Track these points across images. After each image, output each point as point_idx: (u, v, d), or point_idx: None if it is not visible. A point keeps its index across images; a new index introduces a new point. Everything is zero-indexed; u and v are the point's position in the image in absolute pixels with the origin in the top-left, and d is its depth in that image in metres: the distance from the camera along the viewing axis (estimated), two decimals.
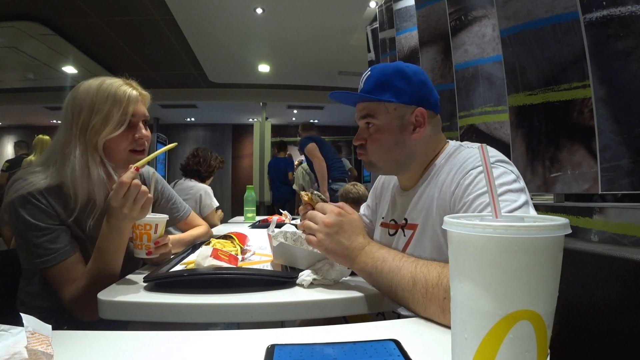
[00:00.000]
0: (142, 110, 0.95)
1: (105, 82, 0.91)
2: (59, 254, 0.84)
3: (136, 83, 0.97)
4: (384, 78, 0.79)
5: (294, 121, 8.77)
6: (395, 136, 0.79)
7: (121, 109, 0.89)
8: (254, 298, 0.69)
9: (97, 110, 0.88)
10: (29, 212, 0.83)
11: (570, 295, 0.52)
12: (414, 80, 0.79)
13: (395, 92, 0.78)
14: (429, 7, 2.24)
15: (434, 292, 0.59)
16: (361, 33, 3.91)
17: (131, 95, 0.91)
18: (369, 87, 0.80)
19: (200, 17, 3.82)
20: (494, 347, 0.32)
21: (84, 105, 0.89)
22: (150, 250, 0.88)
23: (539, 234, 0.31)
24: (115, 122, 0.88)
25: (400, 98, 0.78)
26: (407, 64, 0.82)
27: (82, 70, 4.97)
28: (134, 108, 0.91)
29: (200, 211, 2.25)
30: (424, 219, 0.77)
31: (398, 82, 0.78)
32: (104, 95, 0.89)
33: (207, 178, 2.40)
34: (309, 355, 0.46)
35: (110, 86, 0.90)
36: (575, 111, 1.26)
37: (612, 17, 1.13)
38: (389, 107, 0.78)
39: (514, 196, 0.63)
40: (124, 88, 0.91)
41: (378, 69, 0.81)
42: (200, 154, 2.38)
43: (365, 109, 0.81)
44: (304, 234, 0.79)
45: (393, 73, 0.79)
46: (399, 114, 0.78)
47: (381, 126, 0.79)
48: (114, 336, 0.55)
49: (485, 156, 0.39)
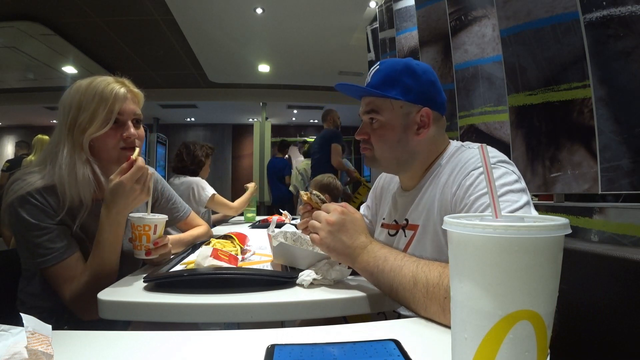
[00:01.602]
0: (132, 108, 0.93)
1: (95, 80, 0.91)
2: (59, 252, 0.85)
3: (129, 81, 0.96)
4: (393, 74, 0.78)
5: (294, 121, 8.77)
6: (398, 134, 0.78)
7: (107, 107, 0.88)
8: (254, 298, 0.69)
9: (84, 109, 0.88)
10: (29, 212, 0.83)
11: (570, 295, 0.52)
12: (422, 79, 0.78)
13: (402, 89, 0.77)
14: (429, 7, 2.24)
15: (435, 291, 0.59)
16: (361, 33, 3.91)
17: (118, 93, 0.90)
18: (376, 81, 0.79)
19: (200, 17, 3.82)
20: (494, 347, 0.32)
21: (73, 103, 0.89)
22: (150, 250, 0.88)
23: (539, 234, 0.31)
24: (100, 121, 0.88)
25: (407, 96, 0.77)
26: (417, 61, 0.81)
27: (82, 70, 4.96)
28: (121, 106, 0.90)
29: (197, 204, 2.20)
30: (425, 220, 0.77)
31: (407, 79, 0.77)
32: (91, 94, 0.88)
33: (199, 170, 2.31)
34: (309, 355, 0.46)
35: (99, 85, 0.89)
36: (575, 111, 1.26)
37: (612, 17, 1.13)
38: (394, 104, 0.78)
39: (515, 196, 0.64)
40: (112, 86, 0.90)
41: (387, 64, 0.80)
42: (182, 150, 2.32)
43: (371, 104, 0.80)
44: (307, 233, 0.79)
45: (402, 70, 0.78)
46: (404, 112, 0.78)
47: (385, 123, 0.79)
48: (114, 336, 0.55)
49: (485, 156, 0.39)
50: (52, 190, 0.86)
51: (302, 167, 4.50)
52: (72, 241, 0.89)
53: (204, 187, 2.23)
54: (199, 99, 6.74)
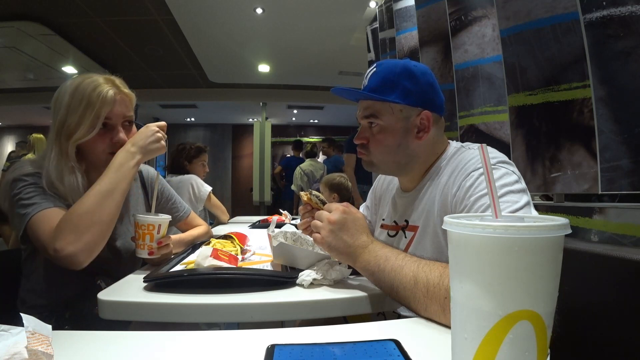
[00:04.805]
0: (121, 111, 0.91)
1: (84, 81, 0.88)
2: (45, 203, 0.83)
3: (120, 81, 0.94)
4: (392, 77, 0.76)
5: (294, 121, 8.76)
6: (398, 138, 0.77)
7: (94, 111, 0.86)
8: (254, 298, 0.70)
9: (72, 111, 0.87)
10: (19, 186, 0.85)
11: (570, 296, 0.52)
12: (421, 81, 0.77)
13: (402, 92, 0.76)
14: (429, 7, 2.23)
15: (435, 291, 0.59)
16: (361, 33, 3.91)
17: (106, 97, 0.87)
18: (374, 84, 0.77)
19: (200, 17, 3.81)
20: (494, 347, 0.32)
21: (63, 104, 0.88)
22: (153, 250, 0.88)
23: (539, 234, 0.31)
24: (87, 126, 0.86)
25: (406, 99, 0.76)
26: (415, 62, 0.79)
27: (82, 70, 4.96)
28: (109, 110, 0.88)
29: (197, 201, 2.23)
30: (425, 221, 0.77)
31: (405, 82, 0.76)
32: (79, 97, 0.87)
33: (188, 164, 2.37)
34: (309, 355, 0.46)
35: (87, 87, 0.87)
36: (575, 111, 1.26)
37: (612, 17, 1.13)
38: (394, 108, 0.77)
39: (516, 197, 0.64)
40: (100, 89, 0.87)
41: (385, 67, 0.78)
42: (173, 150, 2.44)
43: (370, 109, 0.79)
44: (307, 233, 0.79)
45: (401, 72, 0.76)
46: (404, 115, 0.77)
47: (385, 127, 0.77)
48: (113, 336, 0.55)
49: (485, 156, 0.39)
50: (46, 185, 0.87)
51: (307, 166, 4.48)
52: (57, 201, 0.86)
53: (202, 183, 2.28)
54: (199, 99, 6.73)
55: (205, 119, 8.41)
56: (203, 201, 2.24)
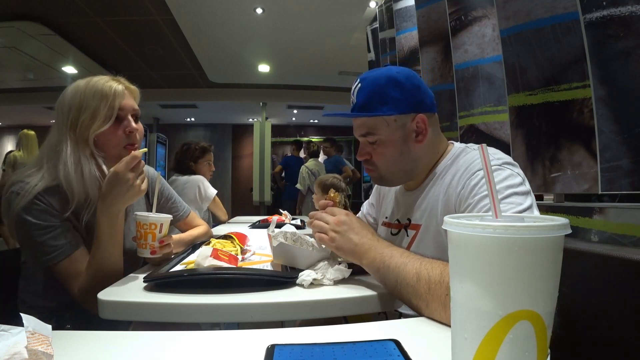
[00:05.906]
0: (130, 103, 0.95)
1: (92, 80, 0.93)
2: (64, 249, 0.85)
3: (124, 79, 0.98)
4: (378, 90, 0.76)
5: (294, 121, 8.77)
6: (399, 147, 0.78)
7: (108, 103, 0.90)
8: (254, 298, 0.69)
9: (86, 107, 0.89)
10: (34, 216, 0.84)
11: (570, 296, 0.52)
12: (407, 87, 0.77)
13: (392, 103, 0.76)
14: (429, 7, 2.24)
15: (437, 289, 0.59)
16: (361, 33, 3.91)
17: (117, 90, 0.92)
18: (362, 100, 0.78)
19: (200, 17, 3.81)
20: (494, 347, 0.32)
21: (73, 104, 0.90)
22: (155, 249, 0.88)
23: (539, 234, 0.31)
24: (102, 117, 0.89)
25: (398, 109, 0.76)
26: (397, 68, 0.79)
27: (82, 70, 4.96)
28: (121, 102, 0.92)
29: (203, 201, 2.25)
30: (428, 220, 0.78)
31: (393, 92, 0.76)
32: (91, 92, 0.90)
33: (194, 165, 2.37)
34: (309, 355, 0.46)
35: (97, 83, 0.91)
36: (575, 111, 1.26)
37: (612, 17, 1.13)
38: (388, 120, 0.77)
39: (520, 199, 0.64)
40: (110, 84, 0.92)
41: (369, 80, 0.78)
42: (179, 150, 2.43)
43: (364, 126, 0.79)
44: (314, 231, 0.80)
45: (386, 83, 0.76)
46: (399, 124, 0.77)
47: (384, 140, 0.78)
48: (114, 336, 0.55)
49: (485, 156, 0.39)
50: (54, 191, 0.87)
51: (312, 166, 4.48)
52: (76, 236, 0.89)
53: (209, 185, 2.32)
54: (199, 99, 6.73)
55: (205, 119, 8.41)
56: (210, 200, 2.27)
